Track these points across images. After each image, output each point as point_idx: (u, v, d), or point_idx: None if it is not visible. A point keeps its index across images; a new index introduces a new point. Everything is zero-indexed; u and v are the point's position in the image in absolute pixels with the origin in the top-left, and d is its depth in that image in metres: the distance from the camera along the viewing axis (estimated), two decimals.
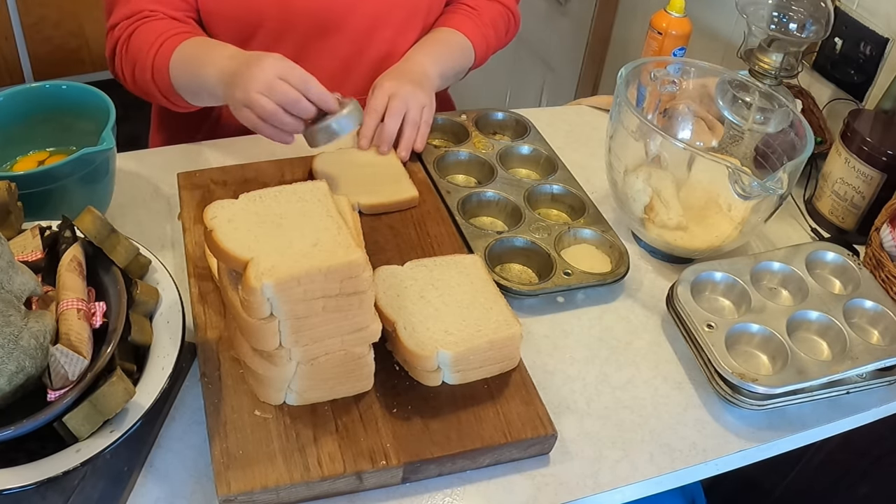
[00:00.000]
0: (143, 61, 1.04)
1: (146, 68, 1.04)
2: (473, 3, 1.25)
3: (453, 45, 1.21)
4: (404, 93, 1.08)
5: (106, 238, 0.75)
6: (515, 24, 1.32)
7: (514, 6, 1.30)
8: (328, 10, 1.13)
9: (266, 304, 0.68)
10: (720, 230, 1.00)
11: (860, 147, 1.08)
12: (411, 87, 1.10)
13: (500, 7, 1.27)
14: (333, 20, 1.14)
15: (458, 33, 1.21)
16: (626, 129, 1.01)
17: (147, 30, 1.05)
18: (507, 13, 1.28)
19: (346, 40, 1.17)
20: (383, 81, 1.10)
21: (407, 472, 0.75)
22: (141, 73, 1.05)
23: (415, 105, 1.09)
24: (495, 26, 1.26)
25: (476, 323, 0.81)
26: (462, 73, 1.24)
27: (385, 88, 1.09)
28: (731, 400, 0.86)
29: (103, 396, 0.66)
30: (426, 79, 1.14)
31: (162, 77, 1.03)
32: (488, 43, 1.25)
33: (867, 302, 0.95)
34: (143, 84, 1.06)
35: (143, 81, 1.06)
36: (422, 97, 1.10)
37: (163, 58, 1.02)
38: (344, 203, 0.82)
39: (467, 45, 1.21)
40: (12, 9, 2.63)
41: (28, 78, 2.78)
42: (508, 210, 1.07)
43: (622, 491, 0.80)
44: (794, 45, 1.19)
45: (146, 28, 1.05)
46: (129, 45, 1.06)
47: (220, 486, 0.70)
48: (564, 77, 2.21)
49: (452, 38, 1.21)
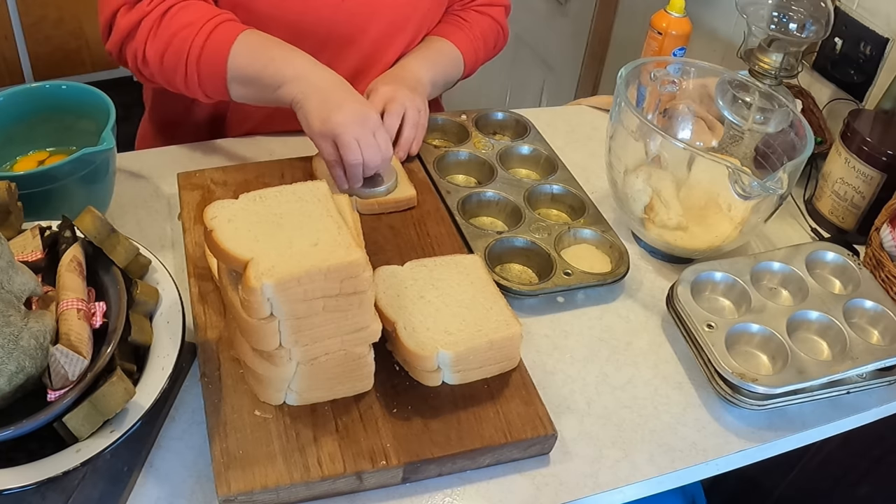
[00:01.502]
0: (189, 40, 0.98)
1: (193, 48, 0.98)
2: (465, 16, 1.27)
3: (445, 54, 1.22)
4: (401, 95, 1.09)
5: (106, 238, 0.75)
6: (504, 38, 1.34)
7: (504, 20, 1.32)
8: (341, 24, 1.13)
9: (266, 304, 0.68)
10: (720, 230, 1.00)
11: (860, 147, 1.08)
12: (407, 90, 1.11)
13: (490, 21, 1.29)
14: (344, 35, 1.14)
15: (449, 44, 1.23)
16: (626, 129, 1.01)
17: (192, 9, 1.00)
18: (496, 27, 1.30)
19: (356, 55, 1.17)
20: (379, 85, 1.11)
21: (407, 472, 0.75)
22: (177, 53, 0.99)
23: (412, 106, 1.10)
24: (485, 39, 1.28)
25: (476, 323, 0.81)
26: (451, 82, 1.26)
27: (381, 93, 1.09)
28: (731, 400, 0.86)
29: (103, 396, 0.66)
30: (419, 84, 1.15)
31: (215, 61, 0.99)
32: (477, 55, 1.27)
33: (867, 302, 0.95)
34: (172, 65, 1.00)
35: (176, 62, 1.00)
36: (417, 101, 1.11)
37: (221, 42, 0.98)
38: (344, 203, 0.82)
39: (458, 56, 1.23)
40: (12, 9, 2.63)
41: (28, 78, 2.78)
42: (508, 210, 1.07)
43: (622, 491, 0.80)
44: (794, 45, 1.19)
45: (190, 7, 1.01)
46: (162, 23, 1.00)
47: (220, 487, 0.70)
48: (564, 77, 2.21)
49: (444, 47, 1.22)
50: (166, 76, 1.03)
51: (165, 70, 1.02)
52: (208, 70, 1.00)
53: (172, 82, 1.03)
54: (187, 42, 0.99)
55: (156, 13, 1.00)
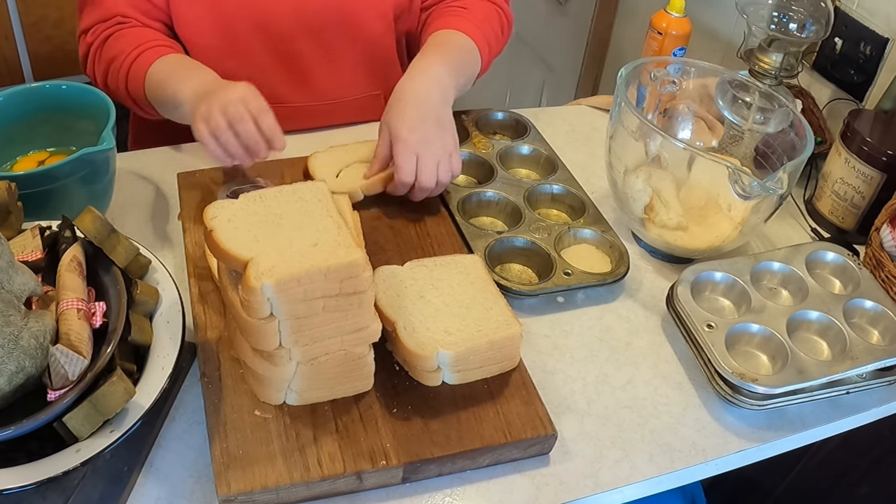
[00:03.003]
0: (118, 68, 1.05)
1: (120, 76, 1.05)
2: (463, 3, 1.18)
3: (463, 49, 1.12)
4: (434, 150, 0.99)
5: (106, 238, 0.76)
6: (509, 25, 1.23)
7: (506, 5, 1.23)
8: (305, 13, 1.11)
9: (266, 304, 0.68)
10: (720, 230, 1.00)
11: (860, 147, 1.08)
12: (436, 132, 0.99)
13: (489, 6, 1.20)
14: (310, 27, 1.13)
15: (460, 34, 1.13)
16: (626, 129, 1.01)
17: (123, 37, 1.06)
18: (495, 9, 1.20)
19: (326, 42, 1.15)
20: (401, 130, 0.98)
21: (407, 472, 0.75)
22: (113, 79, 1.06)
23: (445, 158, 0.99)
24: (490, 23, 1.18)
25: (476, 323, 0.81)
26: (471, 79, 1.15)
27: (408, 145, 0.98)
28: (731, 400, 0.86)
29: (103, 396, 0.66)
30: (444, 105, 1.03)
31: (136, 86, 1.04)
32: (490, 44, 1.17)
33: (867, 302, 0.95)
34: (114, 88, 1.07)
35: (115, 86, 1.06)
36: (448, 142, 1.00)
37: (139, 68, 1.03)
38: (344, 203, 0.82)
39: (473, 47, 1.13)
40: (12, 9, 2.63)
41: (28, 78, 2.78)
42: (508, 210, 1.07)
43: (622, 491, 0.80)
44: (794, 45, 1.19)
45: (122, 35, 1.06)
46: (103, 50, 1.07)
47: (220, 487, 0.70)
48: (564, 77, 2.21)
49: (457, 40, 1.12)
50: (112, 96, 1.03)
51: (110, 91, 1.05)
52: (136, 95, 1.05)
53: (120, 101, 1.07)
54: (121, 69, 1.05)
55: (97, 41, 1.07)
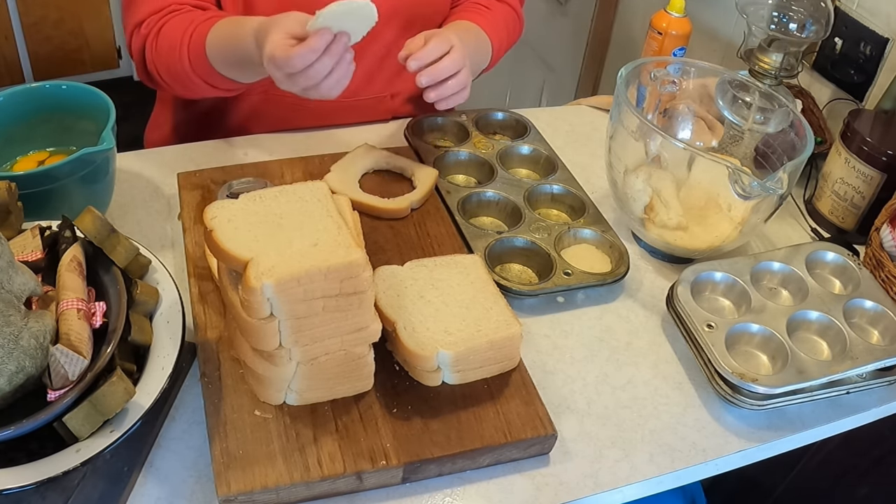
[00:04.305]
0: (178, 53, 1.02)
1: (181, 59, 1.02)
2: (486, 3, 1.24)
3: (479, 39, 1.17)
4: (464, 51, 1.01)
5: (106, 238, 0.76)
6: (520, 27, 1.30)
7: (519, 8, 1.29)
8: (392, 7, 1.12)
9: (266, 304, 0.68)
10: (720, 230, 1.00)
11: (860, 147, 1.08)
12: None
13: (507, 8, 1.26)
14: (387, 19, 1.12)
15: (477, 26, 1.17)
16: (626, 129, 1.01)
17: (176, 23, 1.04)
18: (514, 15, 1.27)
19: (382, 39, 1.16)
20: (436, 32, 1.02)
21: (407, 472, 0.75)
22: (178, 65, 1.03)
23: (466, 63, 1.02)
24: (507, 26, 1.24)
25: (476, 323, 0.81)
26: (477, 69, 1.19)
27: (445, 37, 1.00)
28: (731, 400, 0.86)
29: (103, 396, 0.66)
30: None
31: (200, 63, 1.02)
32: (501, 43, 1.23)
33: (867, 302, 0.95)
34: (181, 76, 1.04)
35: (181, 73, 1.04)
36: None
37: (197, 44, 1.01)
38: (344, 203, 0.82)
39: (486, 40, 1.18)
40: (12, 9, 2.63)
41: (28, 78, 2.78)
42: (508, 210, 1.07)
43: (622, 491, 0.80)
44: (794, 45, 1.19)
45: (175, 21, 1.04)
46: (158, 41, 1.04)
47: (220, 487, 0.70)
48: (564, 77, 2.21)
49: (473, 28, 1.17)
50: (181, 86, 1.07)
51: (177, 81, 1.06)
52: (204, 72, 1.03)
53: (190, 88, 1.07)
54: (181, 53, 1.03)
55: (152, 33, 1.05)
